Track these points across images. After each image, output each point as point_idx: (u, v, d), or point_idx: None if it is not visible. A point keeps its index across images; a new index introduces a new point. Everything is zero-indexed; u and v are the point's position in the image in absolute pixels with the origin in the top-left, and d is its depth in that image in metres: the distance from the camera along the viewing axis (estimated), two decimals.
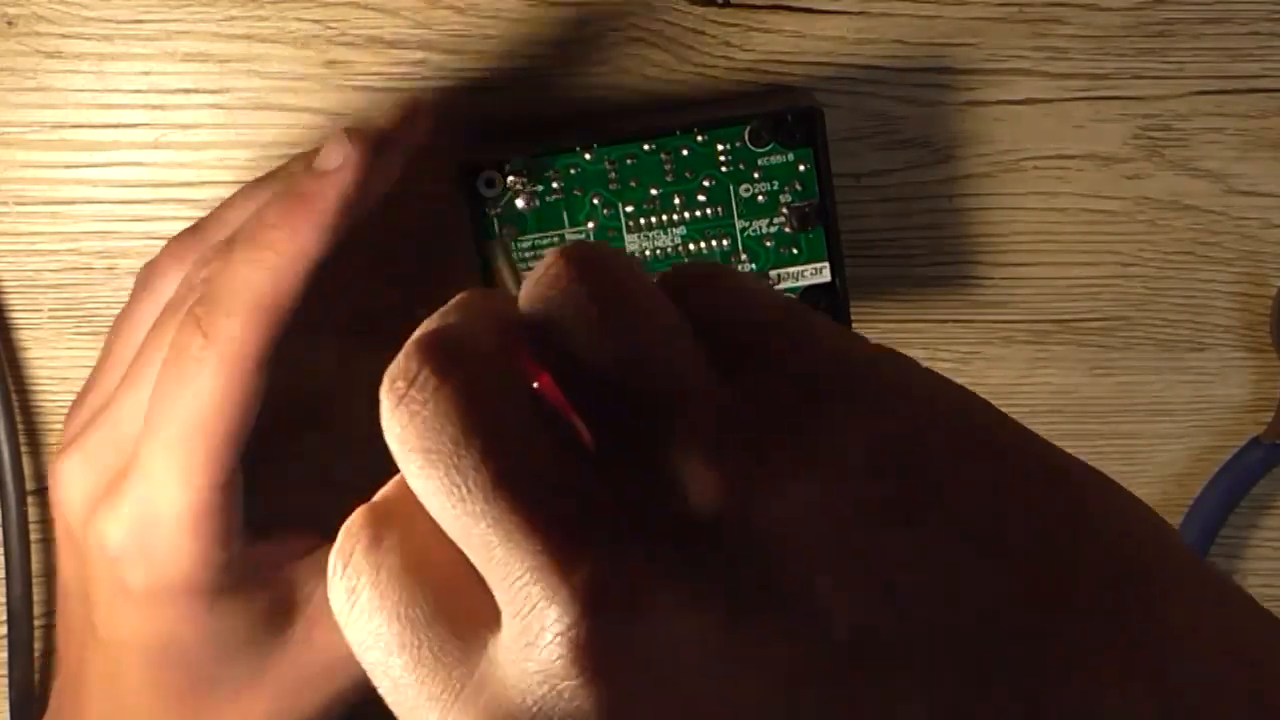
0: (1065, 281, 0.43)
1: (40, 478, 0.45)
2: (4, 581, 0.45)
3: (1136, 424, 0.44)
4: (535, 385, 0.22)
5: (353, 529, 0.23)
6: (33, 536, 0.45)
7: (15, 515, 0.44)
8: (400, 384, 0.21)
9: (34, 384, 0.44)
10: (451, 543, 0.21)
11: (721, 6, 0.41)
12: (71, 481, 0.35)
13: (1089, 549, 0.20)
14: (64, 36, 0.42)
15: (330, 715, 0.36)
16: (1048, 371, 0.44)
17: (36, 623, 0.45)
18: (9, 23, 0.41)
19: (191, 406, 0.33)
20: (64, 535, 0.36)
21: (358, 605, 0.22)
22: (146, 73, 0.42)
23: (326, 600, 0.24)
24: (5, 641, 0.45)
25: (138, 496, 0.33)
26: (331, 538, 0.23)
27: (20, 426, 0.44)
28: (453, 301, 0.23)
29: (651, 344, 0.22)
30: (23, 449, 0.44)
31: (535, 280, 0.22)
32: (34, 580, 0.45)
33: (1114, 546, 0.20)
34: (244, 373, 0.33)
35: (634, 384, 0.21)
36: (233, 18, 0.41)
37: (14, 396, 0.44)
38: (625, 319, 0.22)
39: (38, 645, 0.46)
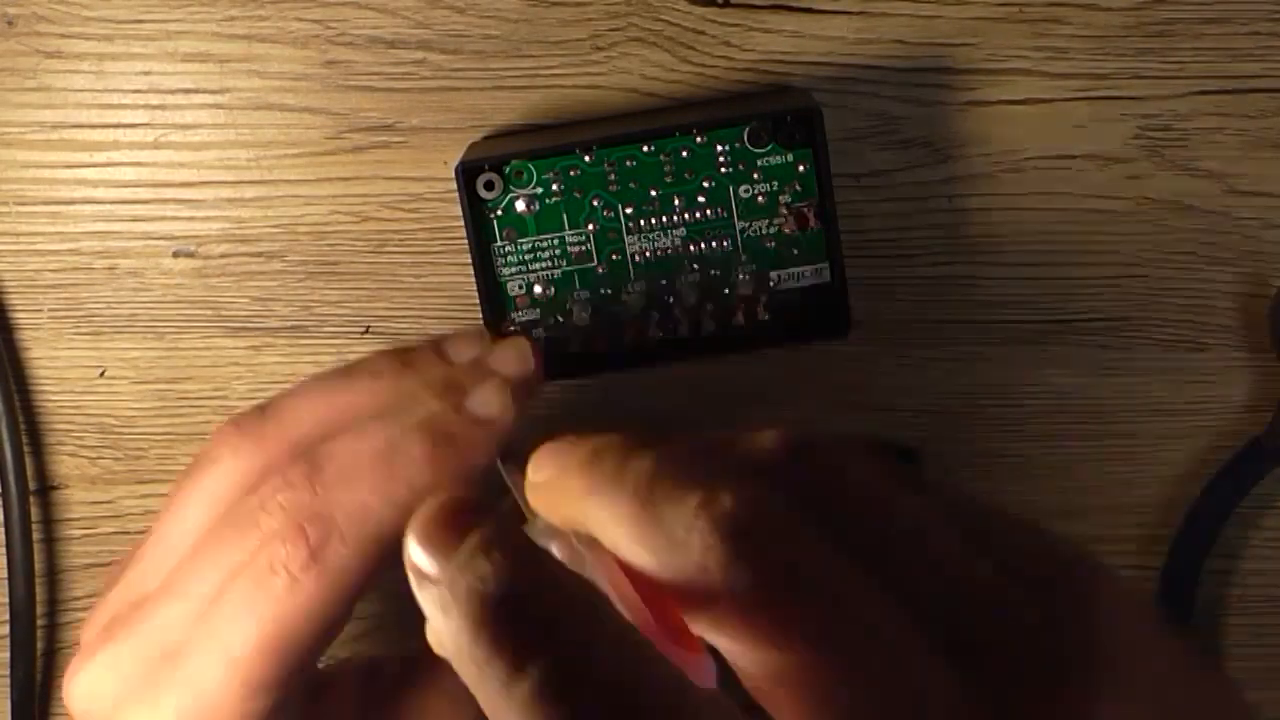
0: (1065, 281, 0.43)
1: (42, 477, 0.45)
2: (6, 580, 0.45)
3: (1137, 424, 0.44)
4: None
5: None
6: (35, 536, 0.45)
7: (18, 514, 0.44)
8: None
9: (34, 384, 0.44)
10: None
11: (721, 6, 0.41)
12: (97, 693, 0.32)
13: None
14: (64, 36, 0.42)
15: None
16: (1048, 371, 0.44)
17: (39, 622, 0.45)
18: (9, 23, 0.41)
19: (273, 625, 0.30)
20: None
21: None
22: (146, 73, 0.42)
23: None
24: (7, 641, 0.45)
25: (184, 709, 0.31)
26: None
27: (22, 426, 0.44)
28: None
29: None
30: (25, 449, 0.44)
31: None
32: (36, 579, 0.45)
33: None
34: (344, 601, 0.31)
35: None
36: (233, 18, 0.41)
37: (15, 396, 0.44)
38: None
39: (40, 644, 0.46)
